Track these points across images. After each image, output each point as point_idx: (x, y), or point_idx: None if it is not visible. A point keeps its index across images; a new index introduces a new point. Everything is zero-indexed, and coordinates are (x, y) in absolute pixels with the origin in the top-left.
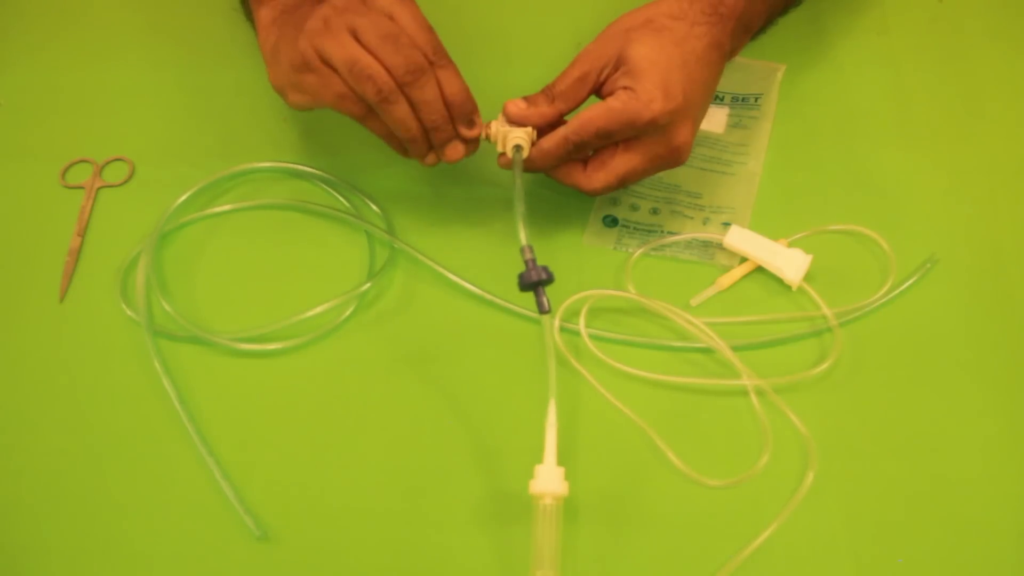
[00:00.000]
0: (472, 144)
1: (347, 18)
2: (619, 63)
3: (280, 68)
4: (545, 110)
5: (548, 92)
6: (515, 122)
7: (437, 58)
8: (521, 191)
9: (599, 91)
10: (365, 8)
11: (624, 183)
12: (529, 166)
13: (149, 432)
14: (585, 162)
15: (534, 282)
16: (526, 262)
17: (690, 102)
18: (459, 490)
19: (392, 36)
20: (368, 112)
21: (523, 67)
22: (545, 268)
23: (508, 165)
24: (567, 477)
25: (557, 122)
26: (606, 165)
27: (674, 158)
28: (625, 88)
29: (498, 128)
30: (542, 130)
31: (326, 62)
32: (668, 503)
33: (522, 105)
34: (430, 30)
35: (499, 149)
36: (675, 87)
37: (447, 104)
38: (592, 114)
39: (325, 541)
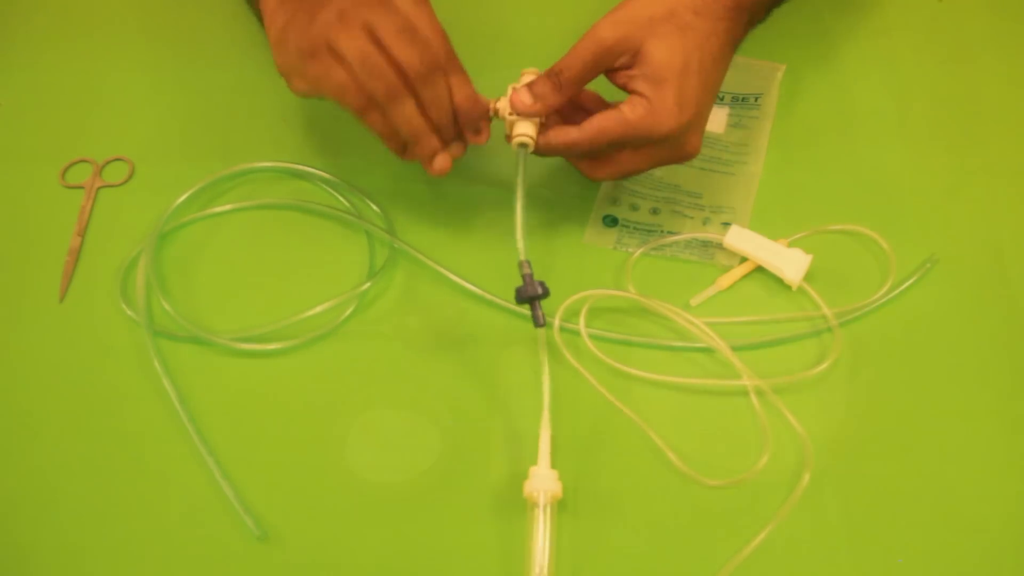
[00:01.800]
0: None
1: (363, 12)
2: (637, 57)
3: (287, 52)
4: (552, 102)
5: (555, 78)
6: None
7: (449, 63)
8: (523, 200)
9: (608, 74)
10: (381, 5)
11: (628, 176)
12: (534, 151)
13: (149, 432)
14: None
15: (530, 296)
16: (523, 276)
17: (701, 110)
18: (459, 489)
19: (409, 30)
20: (367, 106)
21: (525, 66)
22: (542, 283)
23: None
24: (568, 476)
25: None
26: (613, 160)
27: (681, 160)
28: (641, 95)
29: (505, 105)
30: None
31: (335, 53)
32: (668, 503)
33: (528, 101)
34: (444, 35)
35: (506, 131)
36: (690, 98)
37: (456, 110)
38: (607, 125)
39: (325, 541)
